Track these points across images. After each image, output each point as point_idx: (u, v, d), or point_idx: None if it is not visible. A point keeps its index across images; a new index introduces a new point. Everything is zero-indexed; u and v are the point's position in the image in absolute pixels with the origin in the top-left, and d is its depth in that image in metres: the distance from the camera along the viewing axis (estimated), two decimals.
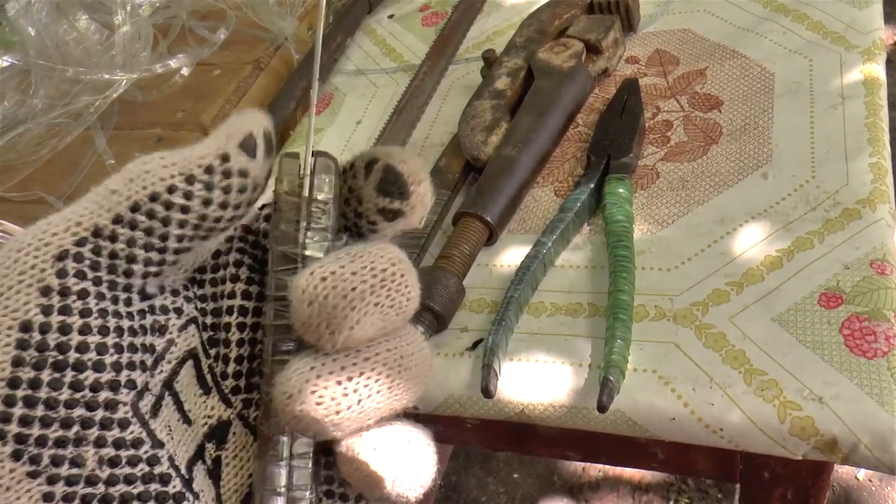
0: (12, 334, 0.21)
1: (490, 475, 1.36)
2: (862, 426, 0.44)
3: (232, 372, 0.26)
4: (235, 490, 0.25)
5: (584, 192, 0.60)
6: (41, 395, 0.21)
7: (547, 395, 0.51)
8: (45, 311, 0.21)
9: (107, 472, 0.21)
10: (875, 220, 0.53)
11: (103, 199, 0.22)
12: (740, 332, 0.50)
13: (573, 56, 0.68)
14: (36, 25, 0.80)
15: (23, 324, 0.21)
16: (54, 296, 0.21)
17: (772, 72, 0.66)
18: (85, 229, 0.22)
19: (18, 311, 0.21)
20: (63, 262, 0.21)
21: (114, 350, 0.22)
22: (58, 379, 0.21)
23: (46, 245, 0.21)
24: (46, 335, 0.21)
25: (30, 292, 0.21)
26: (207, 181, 0.22)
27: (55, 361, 0.21)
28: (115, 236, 0.22)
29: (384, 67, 0.86)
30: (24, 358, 0.21)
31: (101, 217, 0.22)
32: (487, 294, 0.58)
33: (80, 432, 0.21)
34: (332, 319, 0.22)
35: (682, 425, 0.48)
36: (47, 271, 0.21)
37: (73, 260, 0.22)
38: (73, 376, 0.21)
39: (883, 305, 0.48)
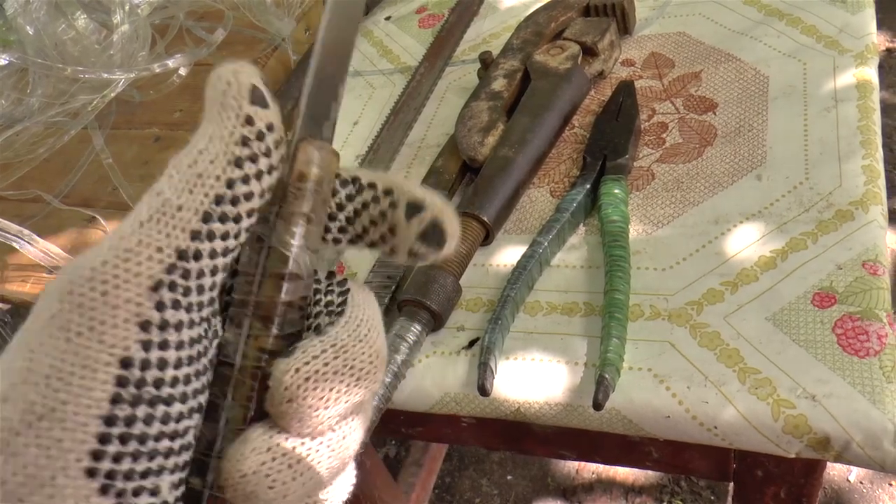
0: (111, 370, 0.20)
1: (484, 477, 1.36)
2: (854, 424, 0.45)
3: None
4: None
5: (580, 192, 0.60)
6: (135, 431, 0.20)
7: (543, 394, 0.51)
8: (146, 347, 0.21)
9: (174, 496, 0.21)
10: (868, 222, 0.53)
11: (171, 218, 0.21)
12: (734, 330, 0.50)
13: (569, 58, 0.69)
14: (34, 24, 0.80)
15: (123, 360, 0.20)
16: (153, 330, 0.21)
17: (766, 75, 0.67)
18: (169, 255, 0.21)
19: (116, 346, 0.20)
20: (159, 294, 0.21)
21: (194, 377, 0.22)
22: (150, 414, 0.21)
23: (137, 276, 0.21)
24: (146, 372, 0.20)
25: (128, 327, 0.20)
26: (250, 154, 0.22)
27: (150, 398, 0.21)
28: (198, 254, 0.22)
29: (381, 69, 0.86)
30: (123, 395, 0.20)
31: (178, 238, 0.21)
32: (484, 293, 0.58)
33: (162, 462, 0.21)
34: (305, 416, 0.23)
35: (676, 423, 0.48)
36: (145, 305, 0.21)
37: (168, 290, 0.21)
38: (163, 411, 0.21)
39: (875, 305, 0.49)
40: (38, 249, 0.67)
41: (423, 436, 0.66)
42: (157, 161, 0.77)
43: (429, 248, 0.25)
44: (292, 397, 0.22)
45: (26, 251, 0.67)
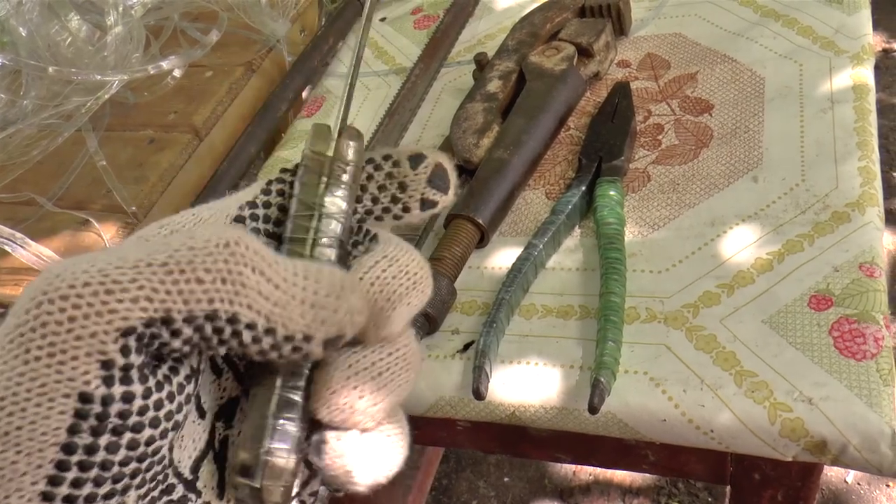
0: (69, 403, 0.19)
1: (481, 479, 1.36)
2: (851, 427, 0.44)
3: None
4: None
5: (576, 194, 0.60)
6: (97, 459, 0.20)
7: (538, 397, 0.51)
8: (107, 382, 0.20)
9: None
10: (864, 224, 0.53)
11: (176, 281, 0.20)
12: (731, 333, 0.50)
13: (565, 59, 0.69)
14: (27, 26, 0.80)
15: (82, 395, 0.19)
16: (115, 370, 0.20)
17: (762, 76, 0.67)
18: (156, 310, 0.20)
19: (76, 380, 0.19)
20: (126, 339, 0.20)
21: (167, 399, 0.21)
22: (115, 442, 0.20)
23: (111, 312, 0.20)
24: (108, 407, 0.20)
25: (89, 362, 0.19)
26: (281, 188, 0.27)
27: (114, 427, 0.20)
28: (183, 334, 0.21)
29: (376, 70, 0.86)
30: (82, 426, 0.20)
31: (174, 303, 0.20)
32: (479, 296, 0.58)
33: (128, 482, 0.21)
34: (378, 319, 0.24)
35: (672, 427, 0.48)
36: (109, 345, 0.20)
37: (136, 340, 0.20)
38: (130, 438, 0.20)
39: (872, 308, 0.49)
40: (30, 253, 0.67)
41: (419, 439, 0.66)
42: (151, 163, 0.77)
43: (437, 192, 0.27)
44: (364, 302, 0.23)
45: (19, 255, 0.67)
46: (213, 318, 0.21)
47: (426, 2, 0.94)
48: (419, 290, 0.25)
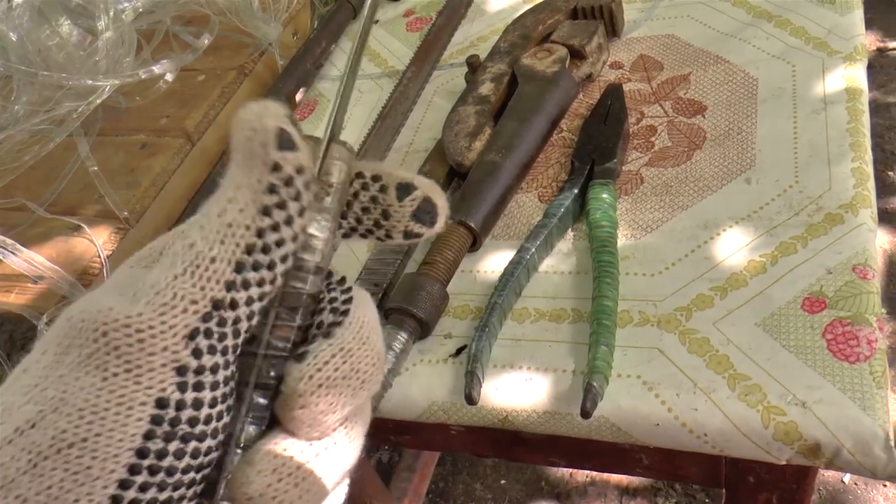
0: (146, 409, 0.21)
1: (477, 481, 1.36)
2: (845, 431, 0.44)
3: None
4: None
5: (568, 197, 0.60)
6: (164, 464, 0.21)
7: (530, 402, 0.51)
8: (182, 389, 0.21)
9: None
10: (857, 225, 0.53)
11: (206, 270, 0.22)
12: (724, 336, 0.50)
13: (557, 61, 0.68)
14: (17, 30, 0.79)
15: (159, 400, 0.21)
16: (189, 374, 0.22)
17: (755, 77, 0.67)
18: (205, 306, 0.22)
19: (153, 388, 0.21)
20: (195, 341, 0.22)
21: (225, 412, 0.23)
22: (182, 450, 0.21)
23: (173, 327, 0.21)
24: (181, 412, 0.21)
25: (164, 371, 0.21)
26: (279, 201, 0.23)
27: (184, 434, 0.22)
28: (234, 303, 0.22)
29: (369, 73, 0.85)
30: (156, 432, 0.21)
31: (214, 290, 0.22)
32: (471, 300, 0.58)
33: (184, 492, 0.22)
34: (316, 420, 0.23)
35: (666, 431, 0.48)
36: (181, 352, 0.21)
37: (204, 337, 0.22)
38: (194, 447, 0.22)
39: (865, 310, 0.48)
40: (22, 259, 0.67)
41: (413, 444, 0.65)
42: (143, 168, 0.76)
43: (422, 225, 0.26)
44: (305, 404, 0.23)
45: (10, 261, 0.67)
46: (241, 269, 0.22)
47: (419, 4, 0.94)
48: (364, 388, 0.25)
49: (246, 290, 0.23)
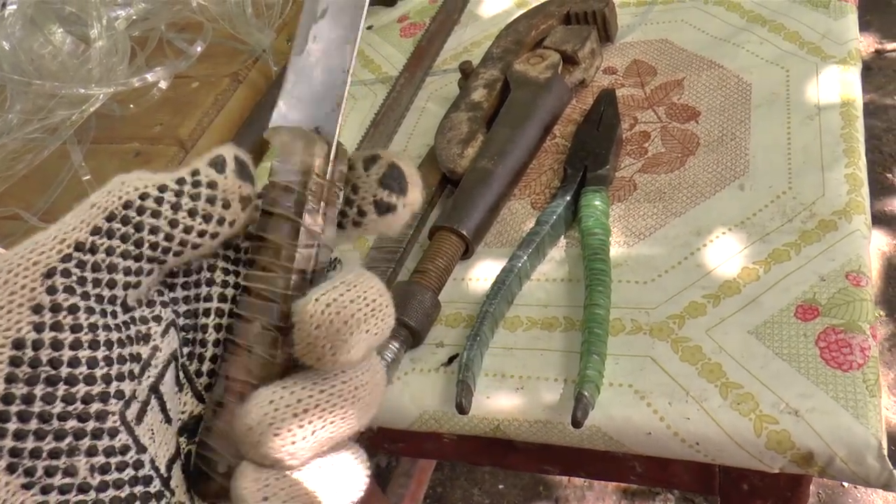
0: (5, 352, 0.21)
1: (475, 486, 1.35)
2: (838, 439, 0.44)
3: (207, 370, 0.27)
4: None
5: (561, 204, 0.59)
6: (35, 409, 0.21)
7: (522, 411, 0.51)
8: (38, 329, 0.22)
9: (97, 479, 0.22)
10: (851, 232, 0.53)
11: (84, 213, 0.23)
12: (717, 345, 0.50)
13: (550, 67, 0.68)
14: (10, 39, 0.79)
15: (15, 342, 0.21)
16: (46, 313, 0.22)
17: (749, 82, 0.66)
18: (68, 245, 0.23)
19: (10, 329, 0.22)
20: (52, 279, 0.22)
21: (104, 363, 0.23)
22: (51, 393, 0.22)
23: (35, 264, 0.22)
24: (39, 351, 0.22)
25: (21, 311, 0.22)
26: (177, 189, 0.24)
27: (48, 377, 0.22)
28: (94, 248, 0.23)
29: (362, 79, 0.85)
30: (18, 374, 0.21)
31: (81, 231, 0.23)
32: (463, 308, 0.58)
33: (72, 443, 0.22)
34: (335, 342, 0.23)
35: (658, 440, 0.48)
36: (37, 290, 0.22)
37: (60, 276, 0.22)
38: (65, 390, 0.22)
39: (858, 317, 0.48)
40: None
41: (406, 451, 0.65)
42: None
43: (391, 192, 0.26)
44: (319, 322, 0.23)
45: None
46: (111, 218, 0.23)
47: (412, 9, 0.93)
48: (378, 318, 0.24)
49: (108, 239, 0.23)
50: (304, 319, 0.23)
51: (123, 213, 0.23)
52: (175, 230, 0.24)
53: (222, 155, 0.25)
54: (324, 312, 0.23)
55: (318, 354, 0.23)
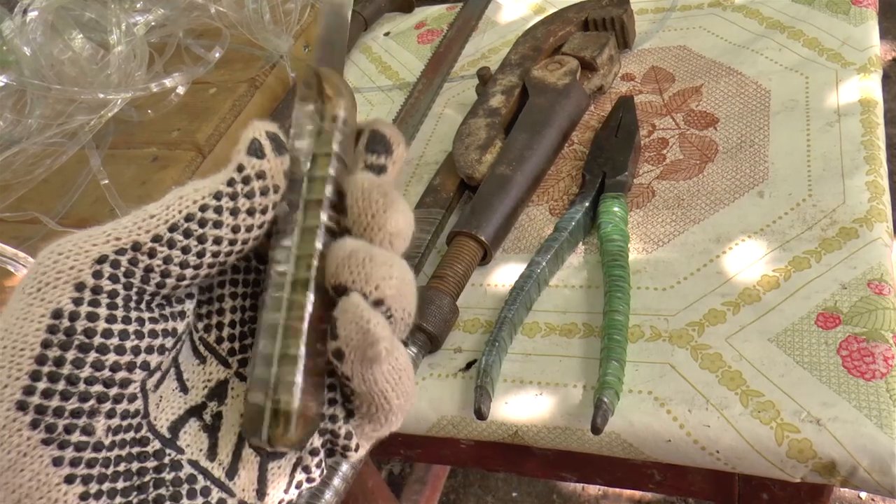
0: (44, 320, 0.23)
1: (489, 494, 1.35)
2: (861, 449, 0.43)
3: (227, 335, 0.28)
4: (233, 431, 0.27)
5: (579, 210, 0.59)
6: (64, 371, 0.23)
7: (541, 417, 0.50)
8: (76, 302, 0.23)
9: (110, 439, 0.24)
10: (872, 240, 0.52)
11: (142, 221, 0.25)
12: (737, 352, 0.49)
13: (568, 73, 0.68)
14: (31, 45, 0.80)
15: (54, 311, 0.23)
16: (86, 291, 0.24)
17: (767, 89, 0.66)
18: (125, 243, 0.24)
19: (52, 301, 0.23)
20: (101, 266, 0.24)
21: (135, 336, 0.24)
22: (81, 359, 0.23)
23: (87, 251, 0.24)
24: (75, 322, 0.23)
25: (65, 287, 0.23)
26: (231, 192, 0.26)
27: (80, 344, 0.23)
28: (153, 253, 0.25)
29: (380, 85, 0.85)
30: (53, 340, 0.23)
31: (141, 235, 0.24)
32: (481, 314, 0.57)
33: (94, 405, 0.23)
34: (388, 204, 0.26)
35: (677, 447, 0.47)
36: (84, 271, 0.24)
37: (110, 265, 0.24)
38: (95, 357, 0.23)
39: (881, 326, 0.48)
40: None
41: (423, 457, 0.65)
42: (154, 181, 0.77)
43: (378, 155, 0.28)
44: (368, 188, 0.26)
45: (21, 274, 0.67)
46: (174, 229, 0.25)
47: (430, 16, 0.94)
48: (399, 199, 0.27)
49: (169, 249, 0.25)
50: (357, 188, 0.26)
51: (185, 225, 0.25)
52: (238, 234, 0.26)
53: (256, 139, 0.26)
54: (365, 183, 0.26)
55: (367, 219, 0.26)
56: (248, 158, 0.26)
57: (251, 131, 0.26)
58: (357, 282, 0.25)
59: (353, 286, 0.25)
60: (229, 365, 0.28)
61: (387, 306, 0.25)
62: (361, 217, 0.26)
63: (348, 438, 0.28)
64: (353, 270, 0.25)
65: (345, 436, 0.28)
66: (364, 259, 0.25)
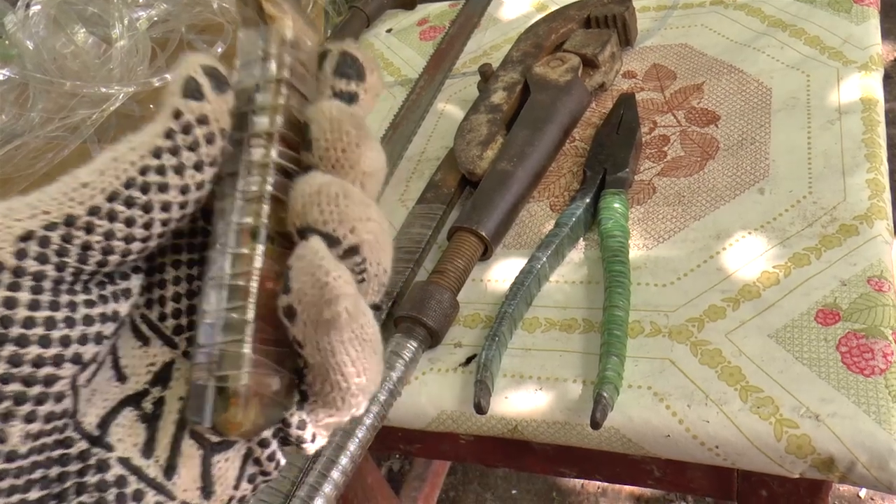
0: None
1: (488, 491, 1.35)
2: (859, 445, 0.44)
3: (171, 311, 0.24)
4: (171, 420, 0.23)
5: (580, 206, 0.59)
6: None
7: (540, 412, 0.50)
8: None
9: (27, 447, 0.20)
10: (872, 237, 0.52)
11: (72, 191, 0.21)
12: (736, 348, 0.49)
13: (570, 70, 0.68)
14: (34, 39, 0.80)
15: None
16: (5, 273, 0.20)
17: (769, 87, 0.66)
18: (55, 217, 0.20)
19: None
20: (25, 244, 0.20)
21: (64, 324, 0.21)
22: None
23: (8, 228, 0.20)
24: None
25: None
26: (172, 146, 0.22)
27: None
28: (91, 227, 0.21)
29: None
30: None
31: (73, 208, 0.20)
32: (482, 309, 0.58)
33: (11, 407, 0.20)
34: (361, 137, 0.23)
35: (676, 443, 0.47)
36: (5, 250, 0.20)
37: (38, 243, 0.20)
38: (12, 352, 0.20)
39: (880, 323, 0.48)
40: None
41: (422, 452, 0.65)
42: None
43: (349, 80, 0.24)
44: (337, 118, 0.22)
45: None
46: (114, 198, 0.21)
47: (432, 13, 0.94)
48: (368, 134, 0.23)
49: (110, 222, 0.21)
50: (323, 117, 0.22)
51: (127, 193, 0.21)
52: (188, 195, 0.22)
53: (192, 78, 0.22)
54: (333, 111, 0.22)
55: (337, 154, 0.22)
56: (185, 102, 0.22)
57: (185, 68, 0.22)
58: (329, 222, 0.21)
59: (322, 227, 0.21)
60: (175, 345, 0.24)
61: (362, 256, 0.22)
62: (330, 151, 0.23)
63: (301, 428, 0.24)
64: (323, 209, 0.21)
65: (297, 425, 0.24)
66: (338, 195, 0.21)
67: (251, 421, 0.21)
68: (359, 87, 0.24)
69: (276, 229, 0.22)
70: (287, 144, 0.23)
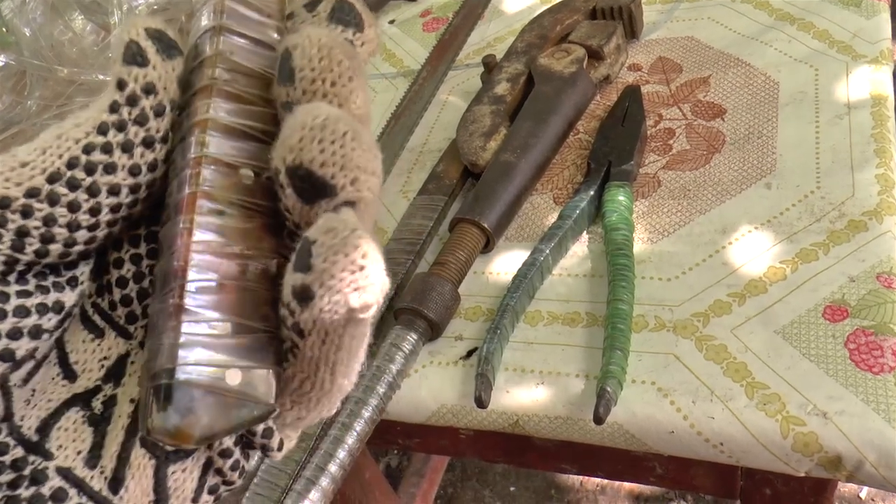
0: None
1: (486, 487, 1.34)
2: (867, 443, 0.43)
3: (121, 297, 0.22)
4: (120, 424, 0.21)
5: (584, 199, 0.58)
6: None
7: (542, 406, 0.50)
8: None
9: None
10: (882, 233, 0.51)
11: (9, 171, 0.19)
12: (742, 344, 0.49)
13: (574, 62, 0.67)
14: (31, 25, 0.79)
15: None
16: None
17: (776, 80, 0.65)
18: None
19: None
20: None
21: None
22: None
23: None
24: None
25: None
26: (118, 120, 0.20)
27: None
28: (28, 211, 0.19)
29: (384, 72, 0.85)
30: None
31: (9, 189, 0.18)
32: (483, 302, 0.57)
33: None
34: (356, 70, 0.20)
35: (681, 439, 0.47)
36: None
37: None
38: None
39: (889, 319, 0.47)
40: None
41: (421, 447, 0.64)
42: None
43: (345, 28, 0.22)
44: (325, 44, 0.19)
45: None
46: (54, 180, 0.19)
47: (436, 4, 0.93)
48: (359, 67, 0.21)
49: (51, 206, 0.19)
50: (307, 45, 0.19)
51: (69, 174, 0.19)
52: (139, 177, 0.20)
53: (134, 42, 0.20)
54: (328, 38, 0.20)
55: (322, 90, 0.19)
56: (128, 69, 0.20)
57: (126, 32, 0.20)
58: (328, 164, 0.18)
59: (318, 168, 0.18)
60: (130, 335, 0.22)
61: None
62: (317, 83, 0.19)
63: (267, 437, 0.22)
64: (325, 147, 0.18)
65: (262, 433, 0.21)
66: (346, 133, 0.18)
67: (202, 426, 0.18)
68: (356, 39, 0.22)
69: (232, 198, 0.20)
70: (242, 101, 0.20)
